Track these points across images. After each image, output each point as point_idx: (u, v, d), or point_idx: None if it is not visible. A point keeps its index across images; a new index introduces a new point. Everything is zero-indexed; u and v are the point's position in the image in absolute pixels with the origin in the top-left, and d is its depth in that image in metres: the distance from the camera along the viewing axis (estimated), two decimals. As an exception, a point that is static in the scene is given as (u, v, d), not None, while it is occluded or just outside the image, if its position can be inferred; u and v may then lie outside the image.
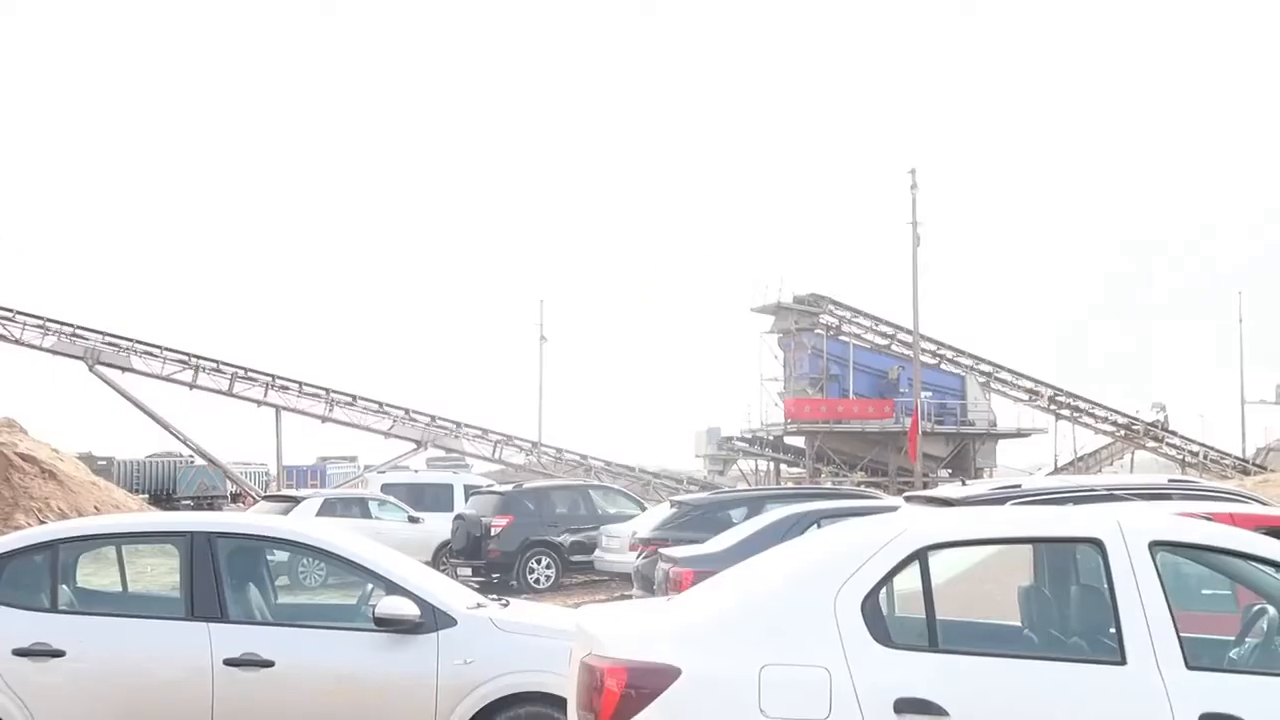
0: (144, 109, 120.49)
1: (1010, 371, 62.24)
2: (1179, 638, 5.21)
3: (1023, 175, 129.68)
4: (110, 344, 48.28)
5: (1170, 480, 11.73)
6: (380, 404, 51.53)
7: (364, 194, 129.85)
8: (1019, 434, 61.64)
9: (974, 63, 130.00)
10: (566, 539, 23.67)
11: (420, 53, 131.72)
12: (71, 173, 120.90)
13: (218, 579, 7.54)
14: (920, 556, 5.36)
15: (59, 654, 7.27)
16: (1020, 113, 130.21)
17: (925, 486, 39.13)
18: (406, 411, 51.79)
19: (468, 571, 22.65)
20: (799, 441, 60.27)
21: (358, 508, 26.33)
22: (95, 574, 8.76)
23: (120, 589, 8.48)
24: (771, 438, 60.42)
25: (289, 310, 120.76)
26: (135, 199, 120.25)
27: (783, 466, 60.53)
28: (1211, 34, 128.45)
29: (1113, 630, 5.27)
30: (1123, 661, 5.19)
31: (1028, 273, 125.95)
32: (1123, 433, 62.80)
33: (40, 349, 47.63)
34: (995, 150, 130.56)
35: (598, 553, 22.35)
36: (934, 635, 5.28)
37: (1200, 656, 5.28)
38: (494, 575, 22.81)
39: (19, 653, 7.25)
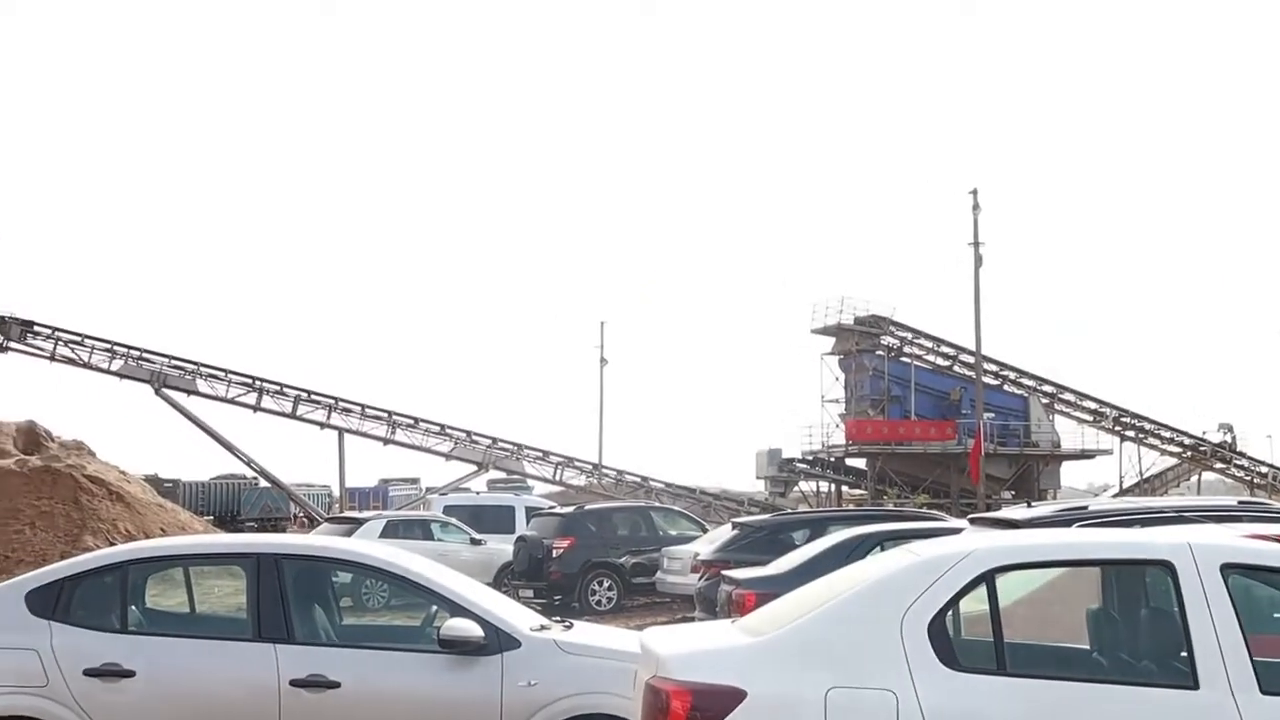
0: (205, 128, 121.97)
1: (1074, 392, 61.61)
2: (1253, 662, 5.14)
3: (1084, 193, 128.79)
4: (176, 367, 48.71)
5: (1240, 502, 11.57)
6: (442, 426, 51.64)
7: (424, 216, 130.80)
8: (1083, 455, 61.02)
9: (1034, 80, 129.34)
10: (628, 561, 23.66)
11: (474, 67, 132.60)
12: (125, 196, 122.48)
13: (284, 600, 7.59)
14: (987, 578, 5.31)
15: (129, 674, 7.33)
16: (1081, 130, 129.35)
17: (988, 508, 38.78)
18: (468, 434, 51.89)
19: (529, 593, 22.65)
20: (860, 463, 59.96)
21: (420, 530, 26.47)
22: (161, 595, 8.82)
23: (188, 610, 8.54)
24: (833, 459, 60.10)
25: (350, 333, 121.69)
26: (197, 222, 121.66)
27: (844, 488, 60.25)
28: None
29: (1184, 654, 5.20)
30: (1195, 686, 5.12)
31: (1091, 292, 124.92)
32: (1189, 454, 62.01)
33: (108, 372, 48.12)
34: (1056, 168, 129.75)
35: (659, 574, 22.32)
36: (1002, 658, 5.23)
37: (1275, 681, 5.19)
38: (555, 597, 22.81)
39: (90, 673, 7.32)
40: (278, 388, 49.53)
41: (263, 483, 56.65)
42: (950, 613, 5.31)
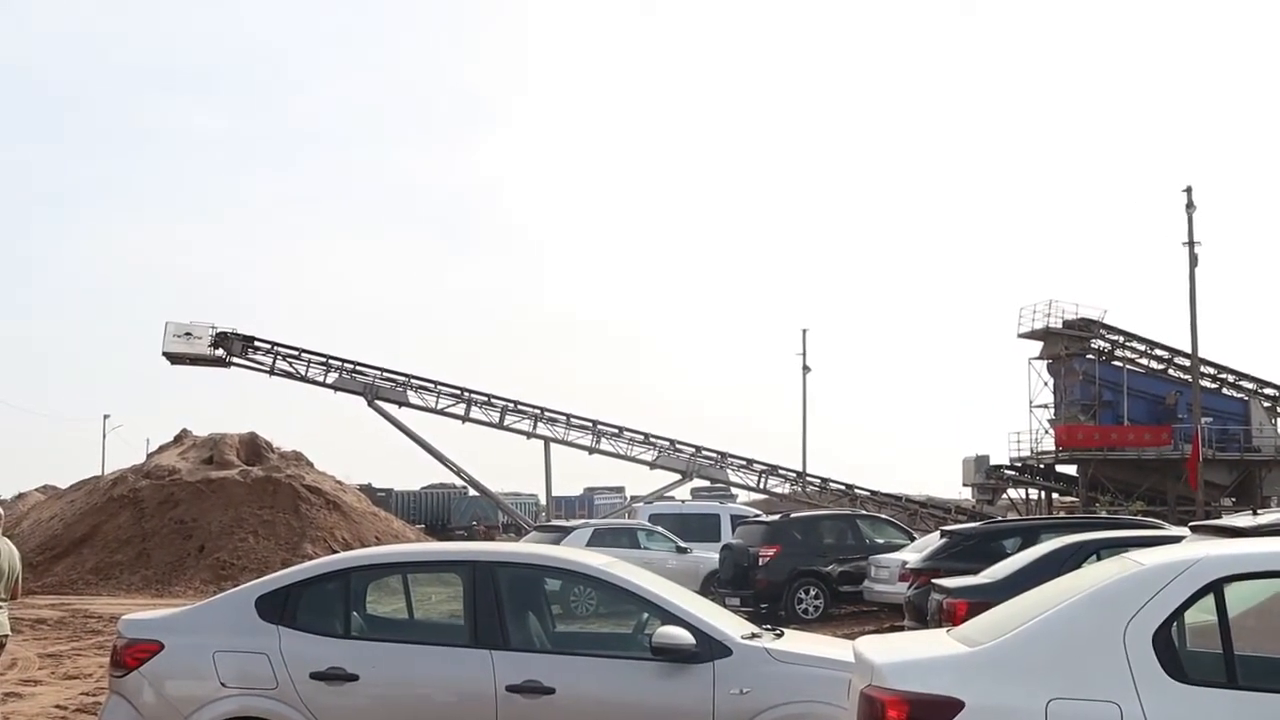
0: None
1: (1298, 396, 59.26)
2: None
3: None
4: (388, 380, 50.03)
5: None
6: (646, 435, 51.95)
7: (620, 226, 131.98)
8: (1309, 462, 58.59)
9: (1255, 73, 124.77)
10: (835, 569, 23.49)
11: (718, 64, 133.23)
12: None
13: (499, 607, 7.70)
14: (1216, 588, 5.13)
15: (353, 678, 7.53)
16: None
17: (1208, 516, 37.56)
18: (672, 443, 52.11)
19: (735, 601, 22.55)
20: (1071, 469, 58.58)
21: (626, 538, 26.68)
22: (380, 601, 9.05)
23: (406, 616, 8.76)
24: (1042, 466, 58.91)
25: (552, 345, 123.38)
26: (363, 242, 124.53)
27: (1054, 495, 58.92)
28: None
29: None
30: None
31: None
32: None
33: (324, 385, 49.71)
34: (1275, 162, 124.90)
35: (866, 583, 22.16)
36: (1232, 670, 5.05)
37: None
38: (762, 605, 22.75)
39: (316, 676, 7.54)
40: (485, 398, 50.49)
41: (472, 492, 57.80)
42: (1176, 623, 5.15)
